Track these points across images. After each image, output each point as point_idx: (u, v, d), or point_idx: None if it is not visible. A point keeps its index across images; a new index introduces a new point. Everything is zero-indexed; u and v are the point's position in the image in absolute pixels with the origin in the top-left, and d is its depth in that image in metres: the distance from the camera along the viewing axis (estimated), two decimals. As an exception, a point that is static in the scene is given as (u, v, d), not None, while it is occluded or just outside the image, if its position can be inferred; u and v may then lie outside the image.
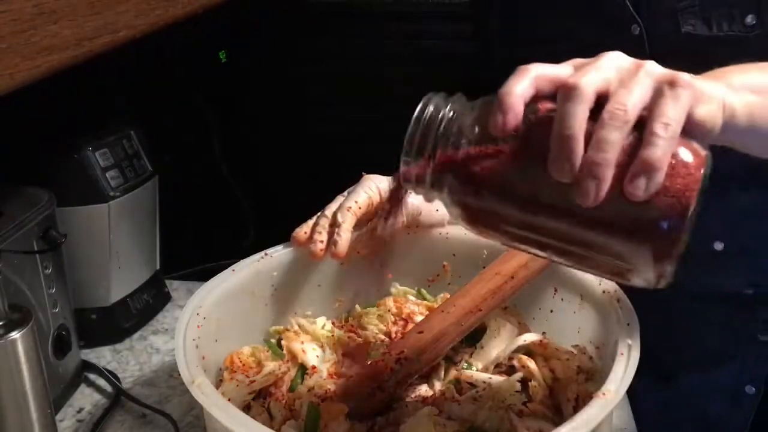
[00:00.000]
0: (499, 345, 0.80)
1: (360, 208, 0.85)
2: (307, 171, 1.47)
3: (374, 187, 0.87)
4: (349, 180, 1.17)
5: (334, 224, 0.84)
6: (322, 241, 0.83)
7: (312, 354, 0.80)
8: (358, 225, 0.85)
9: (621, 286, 0.75)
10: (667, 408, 1.06)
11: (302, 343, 0.82)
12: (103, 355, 1.05)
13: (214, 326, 0.77)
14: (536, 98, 0.54)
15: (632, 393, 0.72)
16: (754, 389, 1.01)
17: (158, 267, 1.16)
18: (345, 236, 0.82)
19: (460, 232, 0.89)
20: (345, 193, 0.88)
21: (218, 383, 0.76)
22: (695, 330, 1.03)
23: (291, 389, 0.77)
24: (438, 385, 0.77)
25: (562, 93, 0.52)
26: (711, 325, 1.01)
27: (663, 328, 0.97)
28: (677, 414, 1.06)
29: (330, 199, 0.88)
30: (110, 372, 1.00)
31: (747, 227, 0.95)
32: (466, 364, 0.79)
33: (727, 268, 0.97)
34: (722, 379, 1.02)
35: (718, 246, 0.95)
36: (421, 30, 1.35)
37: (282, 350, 0.83)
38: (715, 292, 0.99)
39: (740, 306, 0.98)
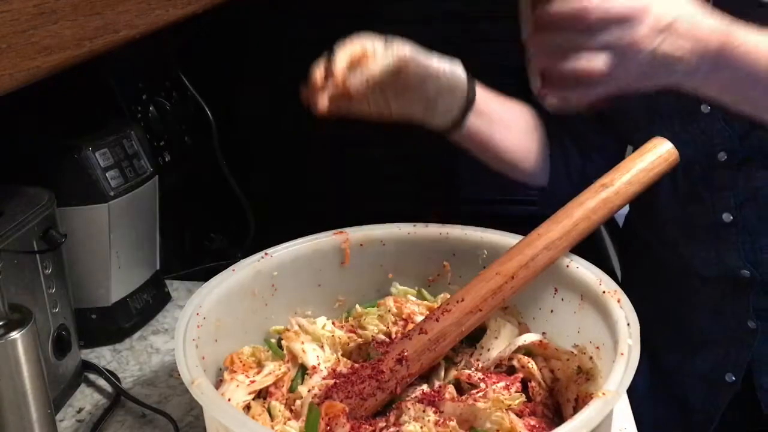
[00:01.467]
0: (499, 345, 0.80)
1: (353, 49, 0.86)
2: (306, 171, 1.47)
3: (370, 42, 0.88)
4: (349, 179, 1.17)
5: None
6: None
7: (312, 354, 0.81)
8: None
9: (619, 283, 0.76)
10: (649, 388, 1.09)
11: (302, 343, 0.82)
12: (103, 355, 1.05)
13: (214, 326, 0.77)
14: None
15: None
16: (734, 377, 1.02)
17: (158, 267, 1.16)
18: (340, 63, 0.85)
19: (461, 232, 0.89)
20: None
21: (218, 383, 0.76)
22: (687, 311, 1.05)
23: (291, 389, 0.77)
24: (438, 385, 0.77)
25: None
26: (703, 307, 1.03)
27: (654, 307, 0.98)
28: (658, 395, 1.09)
29: (330, 199, 0.88)
30: (110, 372, 1.00)
31: (757, 205, 0.96)
32: (466, 364, 0.79)
33: (730, 242, 0.98)
34: (704, 365, 1.04)
35: (727, 218, 0.97)
36: (422, 31, 1.34)
37: (282, 350, 0.83)
38: (714, 272, 1.00)
39: (736, 289, 1.00)
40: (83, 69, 0.66)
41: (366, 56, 0.86)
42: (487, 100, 0.99)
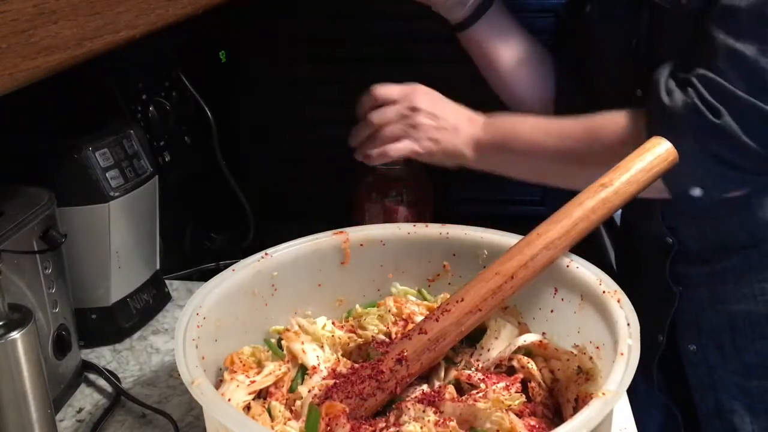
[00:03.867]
0: (499, 345, 0.80)
1: None
2: (306, 171, 1.47)
3: None
4: (348, 179, 1.17)
5: None
6: None
7: (312, 354, 0.81)
8: None
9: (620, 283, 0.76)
10: None
11: (302, 343, 0.82)
12: (103, 355, 1.05)
13: (214, 326, 0.77)
14: None
15: None
16: (662, 338, 1.09)
17: (158, 267, 1.16)
18: None
19: (461, 232, 0.89)
20: None
21: (218, 383, 0.76)
22: (634, 273, 1.12)
23: (291, 389, 0.77)
24: (438, 385, 0.77)
25: None
26: (645, 270, 1.11)
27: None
28: None
29: (329, 201, 0.88)
30: (110, 372, 1.00)
31: None
32: (466, 365, 0.79)
33: (656, 211, 1.06)
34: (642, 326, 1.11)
35: None
36: (421, 30, 1.34)
37: (282, 350, 0.83)
38: (649, 238, 1.09)
39: (664, 255, 1.08)
40: (83, 69, 0.66)
41: None
42: (502, 15, 1.03)
